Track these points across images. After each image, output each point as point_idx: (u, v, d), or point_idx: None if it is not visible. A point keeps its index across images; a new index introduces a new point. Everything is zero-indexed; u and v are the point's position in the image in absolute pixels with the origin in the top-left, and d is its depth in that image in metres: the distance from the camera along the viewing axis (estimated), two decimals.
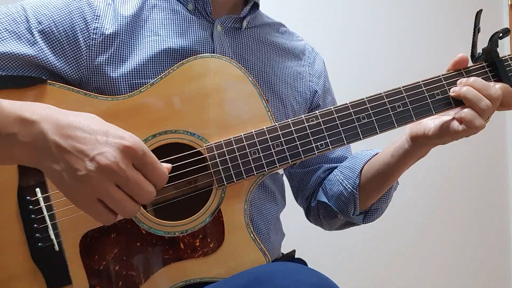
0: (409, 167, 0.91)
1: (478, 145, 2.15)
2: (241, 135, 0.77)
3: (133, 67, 0.80)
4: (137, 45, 0.82)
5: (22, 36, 0.76)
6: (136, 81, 0.80)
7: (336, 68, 1.32)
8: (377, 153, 0.96)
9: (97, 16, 0.80)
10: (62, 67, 0.78)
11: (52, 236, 0.72)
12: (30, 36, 0.76)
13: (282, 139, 0.77)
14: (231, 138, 0.76)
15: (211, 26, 0.88)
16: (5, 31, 0.75)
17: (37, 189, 0.72)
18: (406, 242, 2.10)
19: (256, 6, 0.94)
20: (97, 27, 0.80)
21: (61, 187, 0.60)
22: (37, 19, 0.77)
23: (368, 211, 0.99)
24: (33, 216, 0.72)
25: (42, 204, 0.72)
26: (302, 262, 1.01)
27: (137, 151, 0.61)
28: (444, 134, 0.79)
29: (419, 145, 0.85)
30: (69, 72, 0.79)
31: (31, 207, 0.72)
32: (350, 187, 0.95)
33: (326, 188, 1.01)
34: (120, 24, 0.81)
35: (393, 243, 2.07)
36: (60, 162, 0.59)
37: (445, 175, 2.15)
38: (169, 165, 0.67)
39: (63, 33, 0.78)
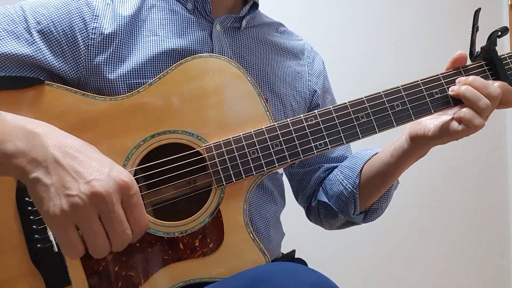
0: (409, 167, 0.91)
1: (479, 144, 2.15)
2: (240, 135, 0.76)
3: (131, 67, 0.80)
4: (136, 45, 0.82)
5: (21, 36, 0.76)
6: (135, 81, 0.80)
7: (335, 68, 1.33)
8: (377, 153, 0.96)
9: (96, 16, 0.80)
10: (61, 67, 0.78)
11: (51, 237, 0.71)
12: (29, 36, 0.76)
13: (281, 139, 0.77)
14: (230, 138, 0.76)
15: (210, 26, 0.88)
16: (3, 31, 0.75)
17: None
18: (406, 242, 2.10)
19: (255, 5, 0.94)
20: (95, 27, 0.80)
21: (41, 201, 0.58)
22: (35, 19, 0.77)
23: (369, 210, 0.99)
24: (32, 217, 0.71)
25: None
26: (302, 262, 1.01)
27: (131, 189, 0.60)
28: (444, 134, 0.79)
29: (419, 145, 0.85)
30: (68, 72, 0.79)
31: (29, 208, 0.72)
32: (350, 187, 0.95)
33: (326, 187, 1.00)
34: (119, 24, 0.81)
35: (393, 243, 2.07)
36: (53, 176, 0.58)
37: (445, 175, 2.15)
38: None
39: (61, 33, 0.78)
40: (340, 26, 2.00)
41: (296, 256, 1.02)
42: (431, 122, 0.82)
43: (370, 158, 0.96)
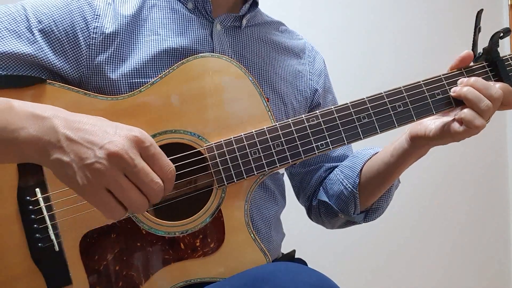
0: (409, 166, 0.91)
1: (479, 144, 2.15)
2: (241, 135, 0.76)
3: (133, 67, 0.80)
4: (137, 44, 0.82)
5: (22, 35, 0.76)
6: (136, 81, 0.80)
7: (336, 68, 1.32)
8: (377, 152, 0.96)
9: (97, 15, 0.80)
10: (62, 66, 0.78)
11: (52, 237, 0.71)
12: (30, 35, 0.76)
13: (283, 139, 0.77)
14: (231, 138, 0.76)
15: (210, 25, 0.88)
16: (5, 30, 0.75)
17: (37, 189, 0.72)
18: (406, 242, 2.10)
19: (255, 4, 0.94)
20: (97, 26, 0.80)
21: (69, 179, 0.60)
22: (37, 18, 0.77)
23: (369, 210, 0.99)
24: (33, 216, 0.72)
25: (42, 204, 0.72)
26: (302, 262, 1.01)
27: (145, 142, 0.62)
28: (445, 135, 0.79)
29: (419, 145, 0.85)
30: (69, 71, 0.79)
31: (31, 207, 0.72)
32: (350, 187, 0.95)
33: (326, 187, 1.00)
34: (120, 24, 0.81)
35: (394, 242, 2.07)
36: (70, 153, 0.59)
37: (446, 175, 2.15)
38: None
39: (63, 32, 0.78)
40: (340, 26, 2.00)
41: (296, 256, 1.02)
42: (432, 123, 0.82)
43: (370, 158, 0.96)
